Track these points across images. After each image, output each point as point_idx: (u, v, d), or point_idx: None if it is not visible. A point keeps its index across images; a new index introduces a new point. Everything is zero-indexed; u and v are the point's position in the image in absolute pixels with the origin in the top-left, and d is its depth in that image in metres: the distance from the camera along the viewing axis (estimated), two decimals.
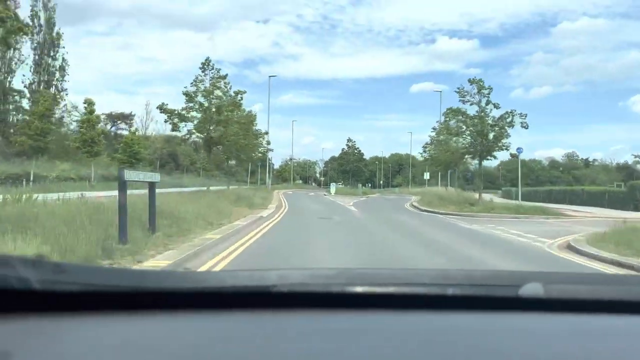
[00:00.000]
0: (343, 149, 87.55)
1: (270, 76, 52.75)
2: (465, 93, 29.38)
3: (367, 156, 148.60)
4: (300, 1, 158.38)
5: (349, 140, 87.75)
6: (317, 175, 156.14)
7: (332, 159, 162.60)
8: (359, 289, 1.30)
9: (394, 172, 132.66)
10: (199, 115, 26.95)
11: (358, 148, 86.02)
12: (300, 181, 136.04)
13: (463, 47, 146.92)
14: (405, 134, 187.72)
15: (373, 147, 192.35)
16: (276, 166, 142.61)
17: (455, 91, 29.49)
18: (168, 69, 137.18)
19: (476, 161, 36.07)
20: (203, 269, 7.80)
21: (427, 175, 55.62)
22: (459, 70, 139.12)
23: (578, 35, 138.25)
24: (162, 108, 26.89)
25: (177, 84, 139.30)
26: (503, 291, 1.34)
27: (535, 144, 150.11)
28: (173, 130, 28.00)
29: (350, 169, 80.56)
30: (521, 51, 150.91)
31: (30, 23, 59.64)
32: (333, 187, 51.23)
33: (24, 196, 9.45)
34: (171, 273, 2.40)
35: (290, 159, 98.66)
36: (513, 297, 1.26)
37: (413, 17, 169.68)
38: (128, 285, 1.18)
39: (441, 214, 26.33)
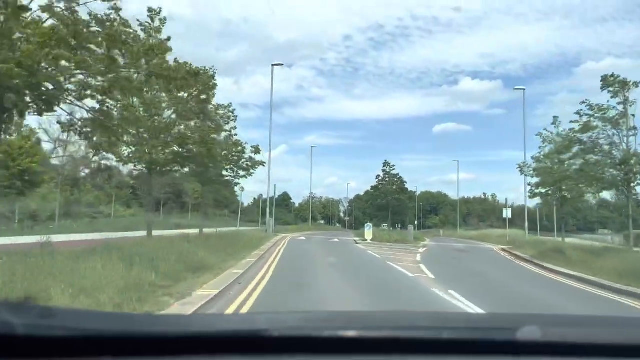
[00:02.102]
0: (378, 177, 61.16)
1: (273, 64, 33.35)
2: None
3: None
4: (323, 45, 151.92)
5: (386, 164, 60.10)
6: (342, 215, 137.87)
7: (357, 197, 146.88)
8: (352, 333, 1.21)
9: (425, 212, 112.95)
10: None
11: (398, 175, 59.62)
12: (323, 222, 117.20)
13: (486, 88, 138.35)
14: (430, 174, 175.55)
15: None
16: (296, 205, 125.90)
17: None
18: None
19: None
20: None
21: (507, 213, 34.83)
22: (482, 110, 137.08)
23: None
24: None
25: None
26: (500, 335, 1.28)
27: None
28: None
29: (390, 204, 56.99)
30: (545, 91, 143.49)
31: None
32: (369, 230, 30.44)
33: None
34: (161, 317, 2.24)
35: (310, 195, 77.12)
36: (510, 341, 1.20)
37: (434, 59, 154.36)
38: (115, 330, 1.09)
39: None
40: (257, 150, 21.72)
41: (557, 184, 23.79)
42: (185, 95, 15.26)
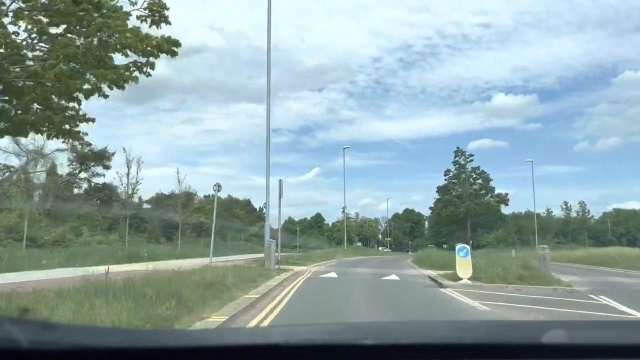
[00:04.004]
0: (447, 173, 38.15)
1: None
2: None
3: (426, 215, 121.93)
4: (353, 68, 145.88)
5: (459, 153, 37.81)
6: (380, 236, 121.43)
7: (395, 216, 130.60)
8: (368, 342, 1.13)
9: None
10: None
11: (479, 169, 38.32)
12: (360, 243, 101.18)
13: (520, 102, 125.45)
14: None
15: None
16: (329, 225, 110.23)
17: None
18: (229, 139, 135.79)
19: None
20: None
21: None
22: (517, 125, 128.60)
23: None
24: None
25: (238, 152, 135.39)
26: (524, 339, 1.20)
27: (609, 196, 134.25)
28: None
29: (470, 212, 36.22)
30: (583, 103, 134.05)
31: None
32: (465, 257, 14.36)
33: None
34: (168, 331, 2.05)
35: (344, 210, 59.92)
36: (535, 344, 1.13)
37: (465, 76, 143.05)
38: (122, 345, 1.03)
39: None
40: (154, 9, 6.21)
41: None
42: None
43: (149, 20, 6.37)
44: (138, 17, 6.39)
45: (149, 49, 6.35)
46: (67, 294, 6.87)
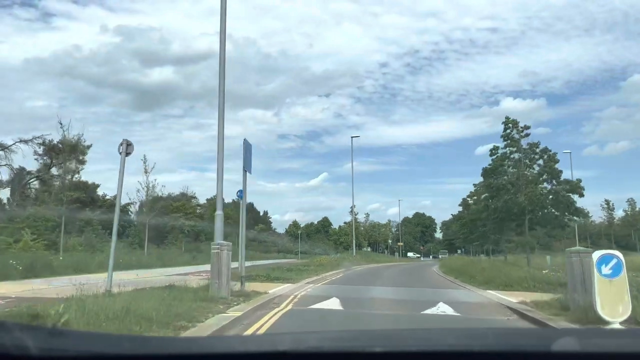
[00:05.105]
0: (495, 151, 26.21)
1: None
2: None
3: (437, 221, 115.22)
4: (360, 73, 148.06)
5: (510, 123, 25.66)
6: (390, 241, 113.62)
7: (406, 220, 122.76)
8: (377, 349, 1.12)
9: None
10: None
11: (538, 144, 25.59)
12: (369, 249, 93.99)
13: (528, 107, 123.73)
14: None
15: (442, 212, 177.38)
16: (336, 228, 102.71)
17: None
18: (237, 145, 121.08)
19: None
20: None
21: None
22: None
23: None
24: None
25: None
26: (534, 346, 1.18)
27: (619, 201, 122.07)
28: None
29: (529, 206, 23.32)
30: (591, 107, 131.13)
31: None
32: (615, 273, 6.59)
33: None
34: (175, 339, 1.97)
35: (352, 209, 52.07)
36: (545, 352, 1.10)
37: (473, 80, 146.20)
38: (130, 353, 1.03)
39: None
40: None
41: None
42: None
43: None
44: None
45: None
46: None
